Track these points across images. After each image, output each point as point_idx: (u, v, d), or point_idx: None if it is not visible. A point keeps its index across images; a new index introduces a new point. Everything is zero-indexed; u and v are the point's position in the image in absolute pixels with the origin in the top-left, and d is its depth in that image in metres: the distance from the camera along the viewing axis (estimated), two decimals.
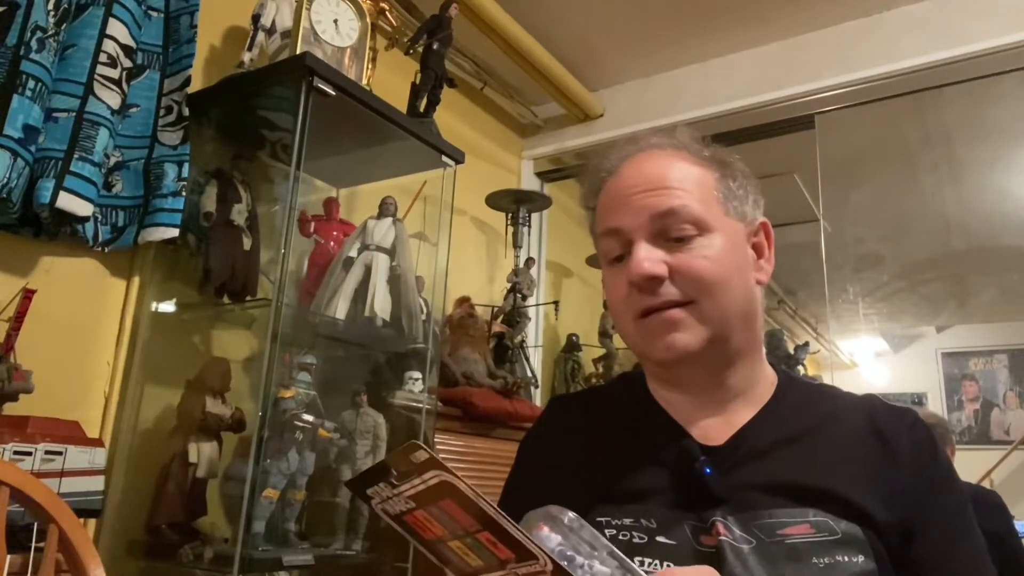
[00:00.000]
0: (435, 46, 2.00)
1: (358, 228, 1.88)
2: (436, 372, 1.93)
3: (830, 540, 0.68)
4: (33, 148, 1.36)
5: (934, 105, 2.69)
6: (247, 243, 1.67)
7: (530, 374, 2.60)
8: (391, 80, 2.04)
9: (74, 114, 1.42)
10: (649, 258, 0.74)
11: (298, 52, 1.59)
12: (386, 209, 1.87)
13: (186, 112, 1.62)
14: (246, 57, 1.69)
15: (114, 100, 1.48)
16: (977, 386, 5.19)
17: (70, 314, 1.55)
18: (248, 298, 1.66)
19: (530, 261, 2.64)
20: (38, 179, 1.37)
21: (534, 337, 2.87)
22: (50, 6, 1.39)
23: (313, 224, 1.86)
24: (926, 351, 5.42)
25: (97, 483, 1.32)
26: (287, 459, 1.56)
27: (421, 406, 1.87)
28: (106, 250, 1.56)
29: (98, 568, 1.02)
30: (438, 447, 1.95)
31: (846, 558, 0.67)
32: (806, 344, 3.46)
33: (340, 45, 1.70)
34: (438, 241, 1.93)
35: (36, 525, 1.09)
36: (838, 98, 2.50)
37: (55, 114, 1.41)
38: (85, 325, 1.58)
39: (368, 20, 1.76)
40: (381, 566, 1.73)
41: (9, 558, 1.09)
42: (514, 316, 2.55)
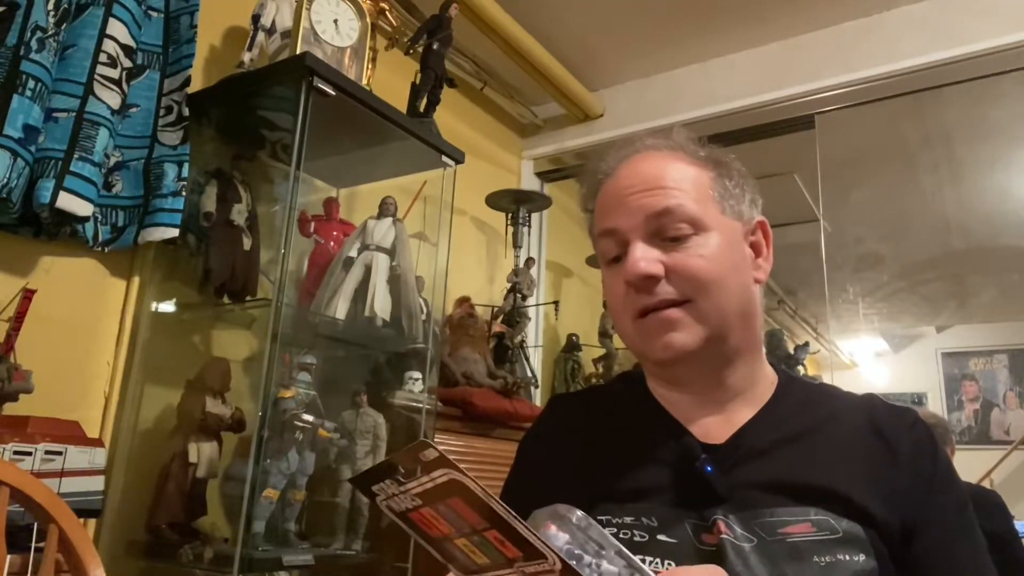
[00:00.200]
0: (435, 46, 2.00)
1: (358, 228, 1.88)
2: (436, 372, 1.93)
3: (831, 539, 0.68)
4: (33, 148, 1.36)
5: (934, 105, 2.69)
6: (247, 243, 1.67)
7: (530, 374, 2.60)
8: (391, 80, 2.04)
9: (74, 114, 1.42)
10: (645, 257, 0.75)
11: (298, 52, 1.59)
12: (386, 209, 1.87)
13: (186, 112, 1.62)
14: (246, 57, 1.69)
15: (114, 100, 1.48)
16: (977, 386, 5.18)
17: (70, 314, 1.55)
18: (248, 298, 1.66)
19: (530, 261, 2.64)
20: (38, 179, 1.37)
21: (534, 337, 2.87)
22: (50, 6, 1.39)
23: (313, 224, 1.86)
24: (926, 351, 5.42)
25: (97, 483, 1.32)
26: (287, 459, 1.56)
27: (421, 406, 1.87)
28: (106, 250, 1.56)
29: (98, 568, 1.02)
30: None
31: (847, 557, 0.67)
32: (806, 344, 3.46)
33: (340, 45, 1.70)
34: (438, 241, 1.93)
35: (36, 525, 1.09)
36: (838, 98, 2.50)
37: (55, 114, 1.41)
38: (85, 325, 1.58)
39: (368, 20, 1.76)
40: (381, 566, 1.73)
41: (9, 558, 1.09)
42: (514, 316, 2.55)
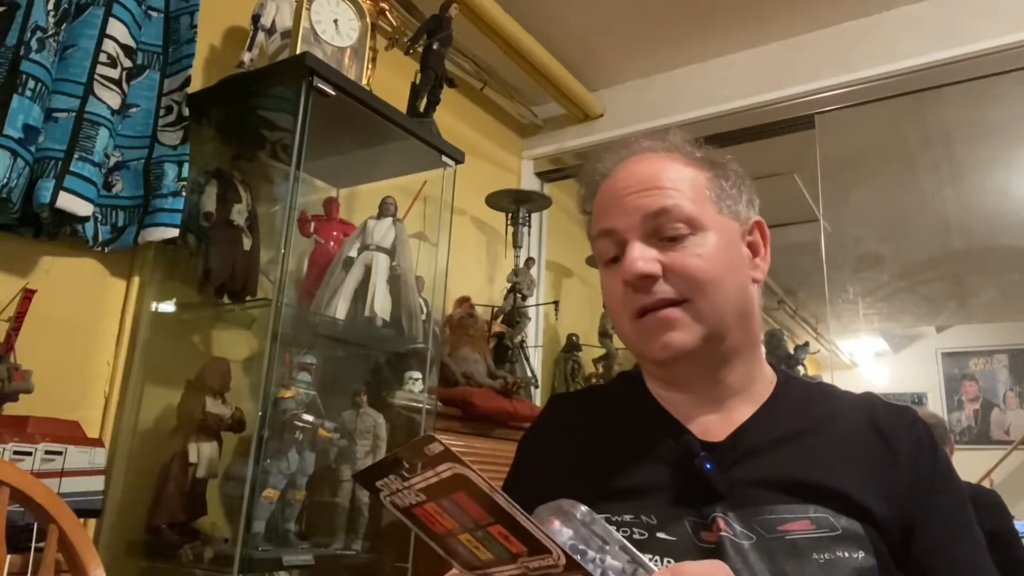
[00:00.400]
0: (435, 46, 2.00)
1: (358, 228, 1.88)
2: (436, 372, 1.93)
3: (830, 536, 0.68)
4: (33, 148, 1.36)
5: (934, 105, 2.69)
6: (247, 243, 1.67)
7: (530, 374, 2.60)
8: (391, 80, 2.04)
9: (74, 114, 1.42)
10: (643, 257, 0.75)
11: (298, 52, 1.59)
12: (386, 209, 1.87)
13: (186, 112, 1.62)
14: (246, 57, 1.69)
15: (114, 100, 1.48)
16: (977, 386, 5.18)
17: (70, 314, 1.55)
18: (248, 298, 1.67)
19: (530, 261, 2.64)
20: (38, 179, 1.37)
21: (534, 337, 2.87)
22: (50, 6, 1.39)
23: (313, 224, 1.86)
24: (926, 351, 5.41)
25: (97, 483, 1.32)
26: (287, 459, 1.56)
27: (421, 406, 1.87)
28: (106, 250, 1.56)
29: (98, 568, 1.02)
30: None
31: (846, 554, 0.67)
32: (806, 344, 3.46)
33: (340, 45, 1.70)
34: (438, 241, 1.93)
35: (36, 525, 1.09)
36: (838, 98, 2.50)
37: (55, 114, 1.41)
38: (85, 325, 1.58)
39: (368, 20, 1.76)
40: (381, 566, 1.73)
41: (9, 558, 1.09)
42: (514, 316, 2.55)
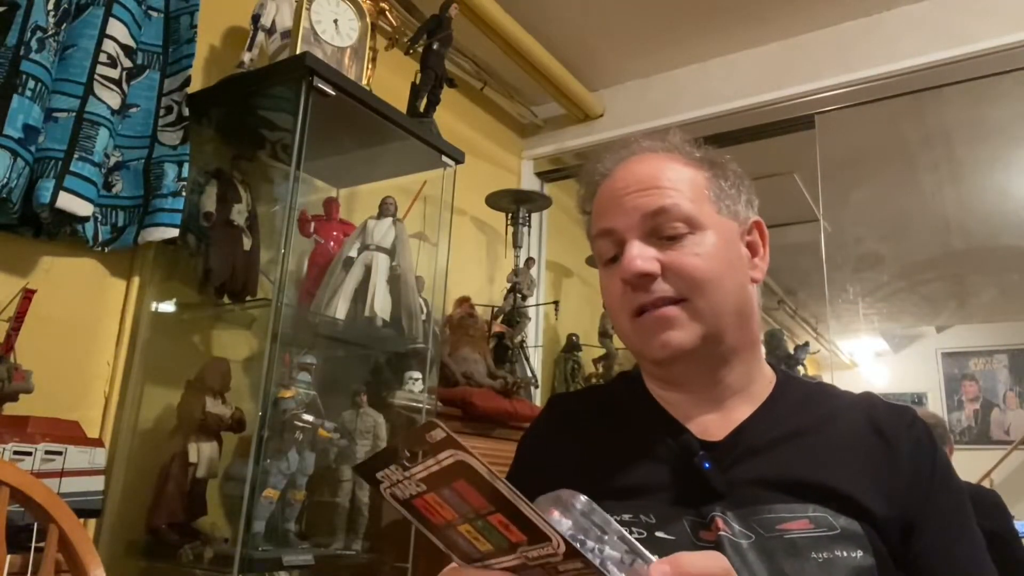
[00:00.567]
0: (435, 46, 2.01)
1: (358, 228, 1.88)
2: (436, 372, 1.93)
3: (829, 535, 0.68)
4: (33, 148, 1.36)
5: (934, 105, 2.69)
6: (247, 243, 1.67)
7: (530, 374, 2.60)
8: (391, 80, 2.05)
9: (74, 114, 1.42)
10: (642, 255, 0.75)
11: (298, 52, 1.59)
12: (386, 209, 1.87)
13: (186, 112, 1.62)
14: (246, 57, 1.69)
15: (114, 100, 1.48)
16: (977, 386, 5.18)
17: (70, 314, 1.55)
18: (248, 298, 1.67)
19: (530, 261, 2.64)
20: (38, 179, 1.37)
21: (534, 337, 2.87)
22: (50, 6, 1.39)
23: (313, 224, 1.86)
24: (926, 351, 5.41)
25: (97, 483, 1.32)
26: (287, 459, 1.56)
27: (421, 406, 1.87)
28: (106, 250, 1.56)
29: (98, 568, 1.02)
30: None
31: (845, 553, 0.67)
32: (806, 344, 3.46)
33: (340, 45, 1.70)
34: (438, 241, 1.93)
35: (36, 525, 1.09)
36: (838, 98, 2.50)
37: (55, 114, 1.41)
38: (85, 325, 1.58)
39: (368, 20, 1.77)
40: (381, 566, 1.73)
41: (9, 558, 1.09)
42: (514, 316, 2.55)
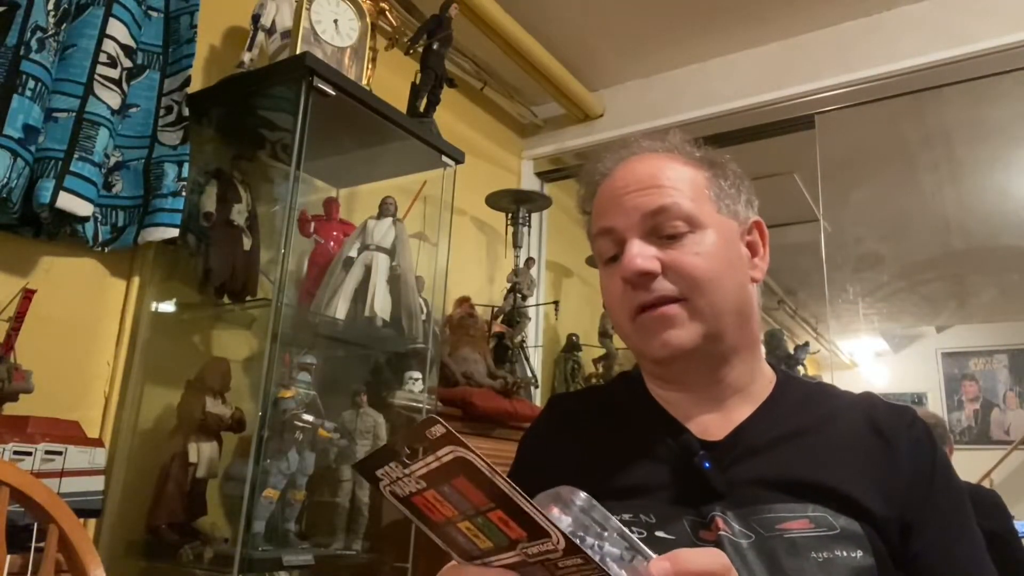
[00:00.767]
0: (435, 46, 2.01)
1: (358, 228, 1.88)
2: (436, 372, 1.93)
3: (829, 535, 0.68)
4: (33, 148, 1.36)
5: (934, 105, 2.69)
6: (247, 243, 1.67)
7: (530, 374, 2.60)
8: (391, 80, 2.05)
9: (74, 114, 1.42)
10: (642, 254, 0.75)
11: (298, 52, 1.59)
12: (386, 209, 1.87)
13: (186, 112, 1.62)
14: (246, 57, 1.69)
15: (114, 100, 1.48)
16: (977, 386, 5.18)
17: (70, 314, 1.55)
18: (248, 298, 1.67)
19: (530, 261, 2.64)
20: (38, 179, 1.37)
21: (534, 337, 2.87)
22: (50, 6, 1.39)
23: (313, 224, 1.86)
24: (926, 351, 5.41)
25: (97, 483, 1.32)
26: (287, 459, 1.56)
27: (421, 406, 1.87)
28: (106, 250, 1.56)
29: (98, 568, 1.02)
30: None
31: (844, 553, 0.67)
32: (806, 344, 3.46)
33: (340, 45, 1.70)
34: (438, 241, 1.93)
35: (36, 525, 1.09)
36: (838, 98, 2.50)
37: (55, 114, 1.41)
38: (85, 325, 1.58)
39: (368, 20, 1.77)
40: (381, 566, 1.73)
41: (9, 558, 1.09)
42: (514, 316, 2.55)
